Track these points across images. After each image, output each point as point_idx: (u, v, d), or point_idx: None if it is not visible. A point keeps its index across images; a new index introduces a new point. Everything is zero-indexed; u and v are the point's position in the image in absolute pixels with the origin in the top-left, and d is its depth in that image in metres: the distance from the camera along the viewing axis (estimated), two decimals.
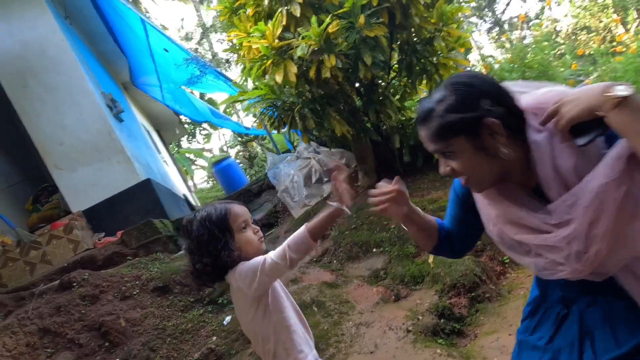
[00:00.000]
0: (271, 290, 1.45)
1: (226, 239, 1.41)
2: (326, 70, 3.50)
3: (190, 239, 1.42)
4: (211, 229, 1.40)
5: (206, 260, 1.39)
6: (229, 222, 1.43)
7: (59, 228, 4.85)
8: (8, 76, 5.41)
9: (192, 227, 1.43)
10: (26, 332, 3.26)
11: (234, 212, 1.46)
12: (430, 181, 4.31)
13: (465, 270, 2.98)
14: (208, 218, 1.43)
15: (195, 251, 1.41)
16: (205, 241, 1.39)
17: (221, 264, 1.40)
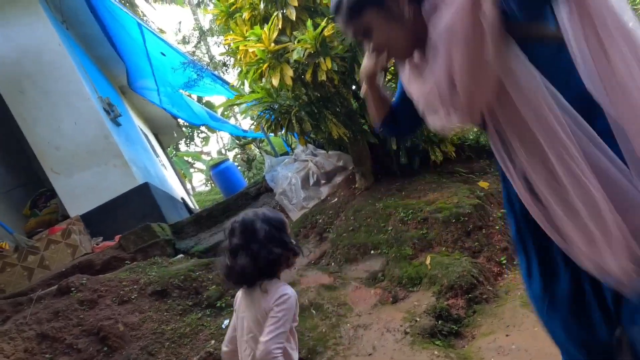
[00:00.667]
0: None
1: (288, 235, 1.58)
2: (322, 73, 3.52)
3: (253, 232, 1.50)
4: (278, 226, 1.55)
5: (279, 250, 1.51)
6: (285, 222, 1.61)
7: (57, 233, 4.85)
8: (5, 81, 5.41)
9: (255, 223, 1.52)
10: (24, 338, 3.26)
11: (285, 219, 1.64)
12: (427, 183, 4.32)
13: (462, 272, 2.99)
14: (269, 216, 1.56)
15: (263, 242, 1.48)
16: (274, 234, 1.51)
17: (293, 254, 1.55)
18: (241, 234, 1.51)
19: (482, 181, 4.29)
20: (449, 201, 3.70)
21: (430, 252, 3.44)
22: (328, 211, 4.55)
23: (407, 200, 3.97)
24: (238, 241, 1.50)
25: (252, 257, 1.47)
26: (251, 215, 1.55)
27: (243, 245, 1.49)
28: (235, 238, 1.51)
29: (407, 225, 3.69)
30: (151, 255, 4.48)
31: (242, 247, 1.49)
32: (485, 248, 3.35)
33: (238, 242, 1.50)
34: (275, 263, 1.51)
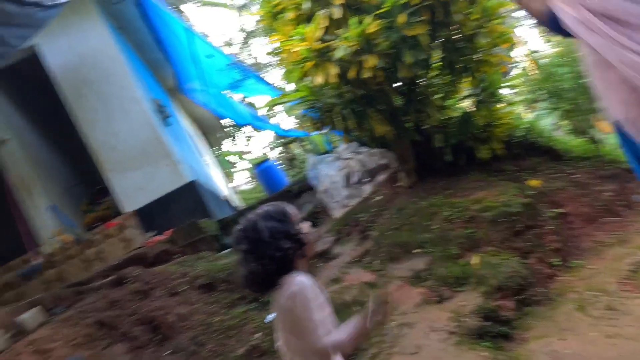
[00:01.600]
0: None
1: (293, 225, 1.47)
2: (366, 71, 3.51)
3: (257, 233, 1.42)
4: (279, 218, 1.46)
5: (286, 244, 1.41)
6: (288, 212, 1.50)
7: (113, 227, 5.14)
8: (67, 86, 5.80)
9: (257, 223, 1.44)
10: (85, 324, 3.48)
11: (290, 207, 1.53)
12: (473, 181, 4.20)
13: (511, 272, 2.89)
14: (271, 211, 1.48)
15: (269, 240, 1.41)
16: (278, 228, 1.43)
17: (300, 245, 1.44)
18: (246, 239, 1.45)
19: (532, 179, 4.11)
20: (496, 200, 3.58)
21: (477, 251, 3.35)
22: (370, 209, 4.52)
23: (452, 198, 3.88)
24: (245, 247, 1.44)
25: (264, 258, 1.40)
26: (252, 217, 1.49)
27: (251, 250, 1.43)
28: (242, 245, 1.46)
29: (453, 224, 3.61)
30: (199, 249, 4.66)
31: (251, 252, 1.43)
32: (536, 249, 3.22)
33: (245, 249, 1.44)
34: (286, 258, 1.42)
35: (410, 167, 4.49)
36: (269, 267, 1.40)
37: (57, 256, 4.99)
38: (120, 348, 3.26)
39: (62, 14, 5.52)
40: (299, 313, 1.35)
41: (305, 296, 1.37)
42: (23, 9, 3.53)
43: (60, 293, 4.14)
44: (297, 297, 1.37)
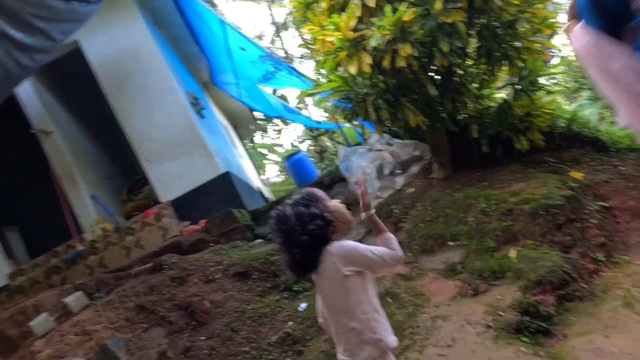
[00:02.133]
0: (362, 273, 1.54)
1: (321, 204, 1.55)
2: (401, 60, 3.45)
3: (287, 221, 1.52)
4: (304, 203, 1.54)
5: (314, 225, 1.49)
6: (315, 193, 1.60)
7: (150, 216, 5.31)
8: (107, 80, 6.00)
9: (286, 212, 1.54)
10: (125, 308, 3.63)
11: (316, 189, 1.63)
12: (511, 173, 4.07)
13: (552, 267, 2.79)
14: (297, 198, 1.57)
15: (297, 227, 1.50)
16: (304, 212, 1.51)
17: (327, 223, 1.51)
18: (279, 229, 1.55)
19: (574, 171, 3.95)
20: (536, 192, 3.46)
21: (515, 245, 3.25)
22: (404, 201, 4.47)
23: (489, 190, 3.78)
24: (280, 237, 1.55)
25: (293, 247, 1.51)
26: (281, 208, 1.58)
27: (283, 241, 1.54)
28: (277, 235, 1.57)
29: (489, 217, 3.52)
30: (233, 238, 4.74)
31: (283, 242, 1.55)
32: (578, 243, 3.09)
33: (280, 238, 1.55)
34: (316, 238, 1.50)
35: (445, 158, 4.39)
36: (298, 255, 1.51)
37: (99, 243, 5.21)
38: (158, 332, 3.39)
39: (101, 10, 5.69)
40: (354, 254, 1.50)
41: (348, 243, 1.53)
42: (68, 4, 3.66)
43: (102, 278, 4.32)
44: (343, 248, 1.51)
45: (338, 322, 1.54)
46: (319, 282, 1.57)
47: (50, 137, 5.96)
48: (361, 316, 1.48)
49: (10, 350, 3.74)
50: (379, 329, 1.48)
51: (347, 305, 1.50)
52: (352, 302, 1.49)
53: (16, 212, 6.83)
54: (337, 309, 1.54)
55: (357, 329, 1.48)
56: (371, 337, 1.47)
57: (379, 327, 1.49)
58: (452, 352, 2.52)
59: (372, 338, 1.47)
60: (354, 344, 1.49)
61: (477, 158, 4.38)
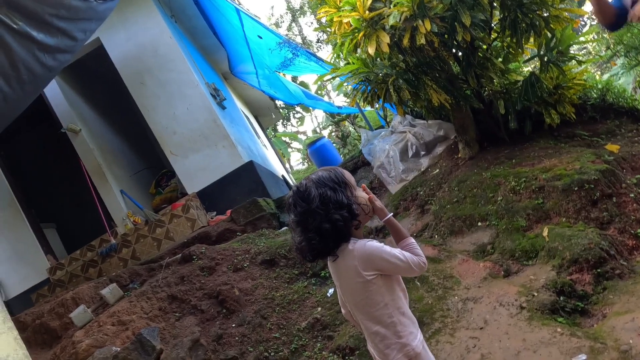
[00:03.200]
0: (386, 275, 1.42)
1: (350, 193, 1.40)
2: (421, 37, 3.34)
3: (308, 202, 1.36)
4: (332, 186, 1.38)
5: (338, 215, 1.33)
6: (346, 178, 1.43)
7: (178, 208, 5.40)
8: (129, 76, 6.09)
9: (309, 190, 1.37)
10: (158, 298, 3.72)
11: (346, 172, 1.47)
12: (541, 149, 3.92)
13: (588, 244, 2.67)
14: (325, 177, 1.40)
15: (319, 211, 1.34)
16: (330, 197, 1.35)
17: (352, 216, 1.37)
18: (296, 207, 1.38)
19: (610, 144, 3.76)
20: (569, 167, 3.31)
21: (547, 223, 3.13)
22: (429, 183, 4.38)
23: (518, 168, 3.65)
24: (296, 216, 1.39)
25: (310, 231, 1.36)
26: (304, 182, 1.41)
27: (298, 221, 1.38)
28: (293, 213, 1.40)
29: (520, 195, 3.40)
30: (259, 227, 4.78)
31: (298, 222, 1.38)
32: (616, 218, 2.95)
33: (294, 218, 1.39)
34: (337, 229, 1.35)
35: (471, 137, 4.26)
36: (314, 240, 1.36)
37: (130, 236, 5.35)
38: (190, 320, 3.46)
39: (119, 7, 5.77)
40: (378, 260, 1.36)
41: (372, 246, 1.38)
42: (86, 3, 3.71)
43: (135, 270, 4.45)
44: (366, 252, 1.37)
45: (362, 322, 1.44)
46: (338, 276, 1.46)
47: (79, 135, 6.12)
48: (386, 320, 1.37)
49: (53, 341, 3.91)
50: (404, 332, 1.37)
51: (370, 309, 1.38)
52: (375, 306, 1.38)
53: (52, 209, 7.10)
54: (359, 311, 1.43)
55: (382, 334, 1.37)
56: (397, 342, 1.36)
57: (405, 331, 1.38)
58: (485, 334, 2.47)
59: (398, 343, 1.36)
60: (380, 348, 1.40)
61: (504, 135, 4.23)
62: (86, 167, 6.05)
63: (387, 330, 1.38)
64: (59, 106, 6.22)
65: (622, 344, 2.04)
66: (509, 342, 2.33)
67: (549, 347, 2.18)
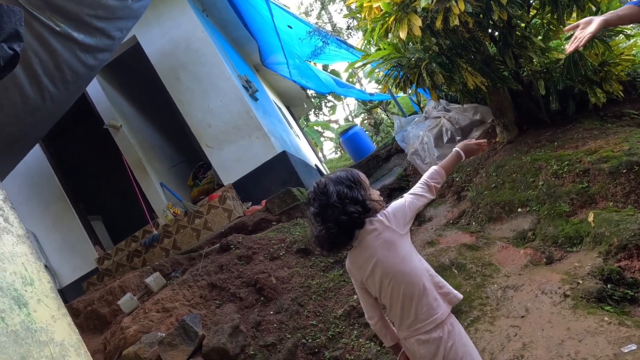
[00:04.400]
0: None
1: (364, 191, 1.55)
2: (454, 18, 3.23)
3: (327, 196, 1.50)
4: (348, 184, 1.53)
5: (352, 208, 1.48)
6: (361, 178, 1.59)
7: (215, 199, 5.55)
8: (164, 72, 6.26)
9: (328, 187, 1.52)
10: (199, 286, 3.86)
11: (361, 173, 1.62)
12: (585, 130, 3.73)
13: (639, 229, 2.53)
14: (342, 177, 1.56)
15: (337, 204, 1.48)
16: (346, 193, 1.50)
17: (366, 211, 1.51)
18: (316, 202, 1.52)
19: None
20: (617, 149, 3.14)
21: (592, 208, 2.99)
22: (466, 169, 4.28)
23: (560, 151, 3.49)
24: (313, 209, 1.52)
25: (329, 222, 1.48)
26: (323, 180, 1.55)
27: (318, 213, 1.51)
28: (312, 207, 1.53)
29: (562, 179, 3.26)
30: (293, 216, 4.83)
31: (318, 214, 1.51)
32: None
33: (313, 210, 1.52)
34: (353, 221, 1.49)
35: (509, 120, 4.11)
36: (332, 230, 1.48)
37: (171, 227, 5.55)
38: (230, 307, 3.57)
39: (153, 5, 5.92)
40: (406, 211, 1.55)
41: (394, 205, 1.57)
42: (122, 2, 3.82)
43: (176, 259, 4.62)
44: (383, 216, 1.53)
45: (403, 291, 1.50)
46: (365, 258, 1.54)
47: (120, 131, 6.37)
48: (426, 274, 1.52)
49: (103, 326, 4.15)
50: (443, 282, 1.54)
51: (413, 263, 1.52)
52: (416, 259, 1.53)
53: (98, 202, 7.48)
54: (402, 273, 1.51)
55: (428, 288, 1.50)
56: (440, 292, 1.51)
57: (443, 281, 1.55)
58: (526, 323, 2.40)
59: (441, 292, 1.51)
60: (426, 306, 1.48)
61: (545, 117, 4.05)
62: (128, 161, 6.30)
63: (430, 283, 1.51)
64: (100, 104, 6.49)
65: None
66: (552, 331, 2.26)
67: (596, 337, 2.10)
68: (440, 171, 1.65)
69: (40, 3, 2.93)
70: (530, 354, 2.18)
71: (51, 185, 6.50)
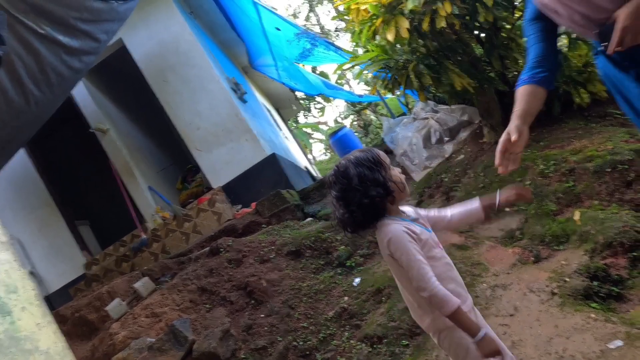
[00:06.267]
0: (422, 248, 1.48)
1: (384, 172, 1.49)
2: (441, 20, 3.26)
3: (348, 179, 1.47)
4: (369, 165, 1.48)
5: (373, 191, 1.45)
6: (381, 158, 1.52)
7: (204, 202, 5.51)
8: (152, 74, 6.21)
9: (348, 170, 1.49)
10: (189, 290, 3.82)
11: (381, 152, 1.56)
12: (570, 130, 3.79)
13: (623, 227, 2.58)
14: (363, 158, 1.51)
15: (358, 187, 1.45)
16: (367, 176, 1.46)
17: (387, 192, 1.47)
18: (336, 184, 1.51)
19: None
20: (601, 148, 3.19)
21: (578, 206, 3.04)
22: (454, 169, 4.31)
23: (547, 150, 3.54)
24: (336, 192, 1.51)
25: (352, 205, 1.47)
26: (343, 162, 1.52)
27: (340, 196, 1.50)
28: (333, 190, 1.52)
29: (549, 179, 3.31)
30: (284, 219, 4.82)
31: (340, 197, 1.50)
32: None
33: (336, 193, 1.50)
34: (375, 204, 1.46)
35: (496, 120, 4.16)
36: (356, 213, 1.47)
37: (160, 231, 5.50)
38: (220, 311, 3.54)
39: (140, 6, 5.85)
40: (399, 257, 1.44)
41: (400, 241, 1.44)
42: (107, 4, 3.78)
43: (166, 263, 4.58)
44: (392, 243, 1.45)
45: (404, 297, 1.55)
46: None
47: (107, 135, 6.30)
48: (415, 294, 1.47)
49: (91, 333, 4.09)
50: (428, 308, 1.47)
51: (400, 280, 1.50)
52: (404, 280, 1.48)
53: (86, 207, 7.37)
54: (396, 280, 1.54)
55: (412, 304, 1.50)
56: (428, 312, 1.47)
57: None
58: (515, 321, 2.43)
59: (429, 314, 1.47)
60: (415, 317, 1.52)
61: None
62: (115, 165, 6.23)
63: (417, 301, 1.48)
64: (86, 107, 6.41)
65: None
66: (540, 328, 2.29)
67: (583, 334, 2.13)
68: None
69: (24, 6, 2.89)
70: (519, 352, 2.20)
71: (37, 189, 6.39)
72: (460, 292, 1.47)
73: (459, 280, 1.51)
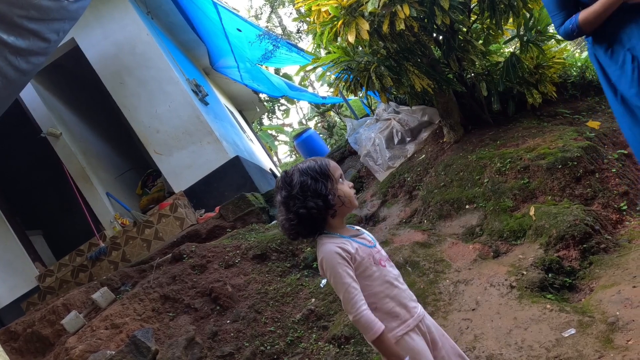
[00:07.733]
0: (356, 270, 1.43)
1: (330, 185, 1.47)
2: (400, 22, 3.32)
3: (291, 187, 1.46)
4: (314, 175, 1.46)
5: (313, 203, 1.42)
6: (329, 171, 1.50)
7: (166, 208, 5.35)
8: (107, 76, 5.97)
9: (293, 177, 1.47)
10: (151, 299, 3.69)
11: (333, 164, 1.53)
12: (525, 129, 3.95)
13: (574, 221, 2.71)
14: (310, 167, 1.49)
15: (299, 196, 1.43)
16: (309, 186, 1.44)
17: (328, 206, 1.44)
18: (281, 190, 1.49)
19: (591, 121, 3.81)
20: (552, 146, 3.35)
21: (533, 202, 3.17)
22: (416, 168, 4.40)
23: (503, 149, 3.68)
24: (279, 197, 1.50)
25: (291, 213, 1.45)
26: (292, 169, 1.52)
27: (282, 202, 1.49)
28: (278, 194, 1.51)
29: (505, 176, 3.43)
30: (248, 222, 4.76)
31: (282, 203, 1.49)
32: (599, 194, 3.00)
33: (279, 199, 1.50)
34: (312, 216, 1.43)
35: (455, 120, 4.28)
36: (293, 222, 1.45)
37: (119, 238, 5.29)
38: (184, 319, 3.44)
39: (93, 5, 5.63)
40: (329, 278, 1.42)
41: (331, 264, 1.41)
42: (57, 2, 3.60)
43: (126, 272, 4.40)
44: (324, 263, 1.43)
45: None
46: None
47: (60, 139, 6.00)
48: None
49: (46, 349, 3.87)
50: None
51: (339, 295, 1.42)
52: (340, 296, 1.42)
53: (38, 216, 6.99)
54: None
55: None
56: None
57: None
58: (477, 315, 2.50)
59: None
60: None
61: (488, 117, 4.25)
62: (69, 171, 5.94)
63: None
64: (37, 110, 6.09)
65: (609, 316, 2.08)
66: (500, 321, 2.37)
67: (540, 324, 2.21)
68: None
69: None
70: (481, 344, 2.27)
71: None
72: (399, 313, 1.42)
73: (401, 297, 1.45)
